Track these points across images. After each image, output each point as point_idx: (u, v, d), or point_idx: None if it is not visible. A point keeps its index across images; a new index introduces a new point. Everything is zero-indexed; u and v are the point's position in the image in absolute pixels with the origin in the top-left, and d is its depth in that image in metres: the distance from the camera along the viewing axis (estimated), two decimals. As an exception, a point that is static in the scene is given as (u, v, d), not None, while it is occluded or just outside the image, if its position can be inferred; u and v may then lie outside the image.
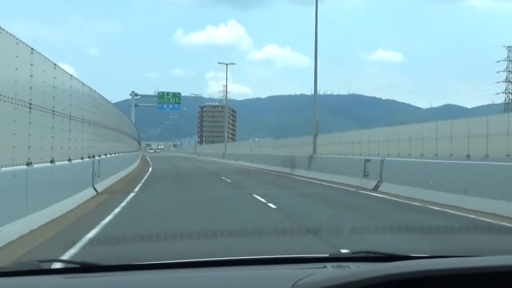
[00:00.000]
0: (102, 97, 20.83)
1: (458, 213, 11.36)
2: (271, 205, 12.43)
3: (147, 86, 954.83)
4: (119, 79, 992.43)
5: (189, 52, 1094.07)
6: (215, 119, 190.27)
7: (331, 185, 19.56)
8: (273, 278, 2.07)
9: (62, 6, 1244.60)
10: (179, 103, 68.74)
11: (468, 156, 23.23)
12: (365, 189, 17.36)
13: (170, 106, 68.47)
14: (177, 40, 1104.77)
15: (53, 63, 11.07)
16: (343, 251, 3.85)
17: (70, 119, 12.65)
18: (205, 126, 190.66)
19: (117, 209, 11.32)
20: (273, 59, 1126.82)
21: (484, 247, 7.03)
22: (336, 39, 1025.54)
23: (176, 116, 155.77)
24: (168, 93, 68.30)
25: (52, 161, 10.37)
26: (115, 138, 25.54)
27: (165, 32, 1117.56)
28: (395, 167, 17.21)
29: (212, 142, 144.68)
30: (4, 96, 7.84)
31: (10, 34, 8.20)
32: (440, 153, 26.25)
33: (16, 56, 8.58)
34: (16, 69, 8.59)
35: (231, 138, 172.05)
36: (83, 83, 15.64)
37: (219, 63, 54.08)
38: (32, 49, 9.36)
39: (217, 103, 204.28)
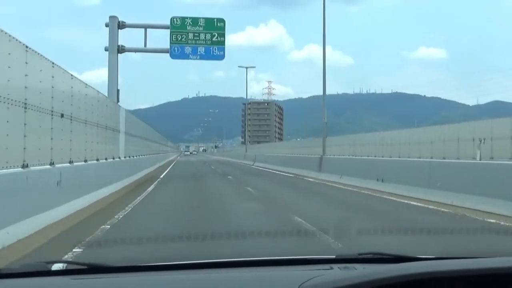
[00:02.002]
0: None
1: None
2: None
3: (189, 89, 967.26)
4: (160, 82, 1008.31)
5: (230, 53, 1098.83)
6: (260, 117, 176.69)
7: None
8: (280, 279, 2.07)
9: (106, 12, 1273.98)
10: (221, 43, 26.66)
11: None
12: None
13: (201, 51, 26.48)
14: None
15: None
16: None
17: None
18: (249, 125, 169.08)
19: None
20: (314, 58, 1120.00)
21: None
22: (377, 37, 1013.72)
23: (217, 110, 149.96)
24: (194, 20, 26.91)
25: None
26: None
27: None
28: None
29: (258, 142, 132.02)
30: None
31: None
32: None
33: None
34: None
35: (278, 138, 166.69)
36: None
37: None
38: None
39: (262, 100, 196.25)
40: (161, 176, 25.74)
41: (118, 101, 23.85)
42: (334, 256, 2.47)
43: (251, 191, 16.89)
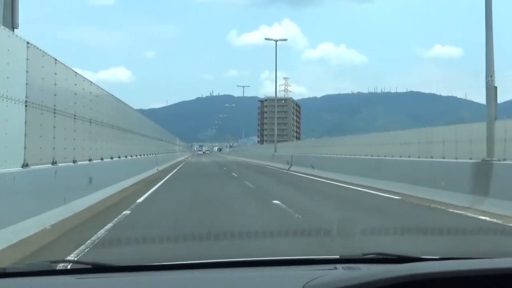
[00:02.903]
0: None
1: None
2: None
3: (202, 87, 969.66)
4: (175, 81, 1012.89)
5: (243, 52, 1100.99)
6: (278, 115, 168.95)
7: None
8: (284, 279, 2.08)
9: (120, 12, 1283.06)
10: None
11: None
12: None
13: None
14: (231, 40, 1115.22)
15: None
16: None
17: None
18: (265, 124, 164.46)
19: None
20: (328, 57, 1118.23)
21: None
22: (392, 35, 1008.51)
23: (233, 105, 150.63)
24: None
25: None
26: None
27: (220, 33, 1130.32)
28: None
29: (273, 142, 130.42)
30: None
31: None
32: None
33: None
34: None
35: (296, 137, 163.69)
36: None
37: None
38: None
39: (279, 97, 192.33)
40: (133, 205, 11.61)
41: (13, 26, 10.77)
42: (338, 256, 2.46)
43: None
